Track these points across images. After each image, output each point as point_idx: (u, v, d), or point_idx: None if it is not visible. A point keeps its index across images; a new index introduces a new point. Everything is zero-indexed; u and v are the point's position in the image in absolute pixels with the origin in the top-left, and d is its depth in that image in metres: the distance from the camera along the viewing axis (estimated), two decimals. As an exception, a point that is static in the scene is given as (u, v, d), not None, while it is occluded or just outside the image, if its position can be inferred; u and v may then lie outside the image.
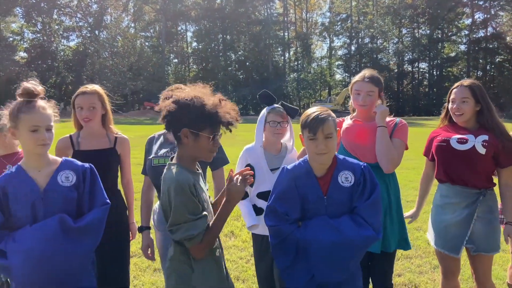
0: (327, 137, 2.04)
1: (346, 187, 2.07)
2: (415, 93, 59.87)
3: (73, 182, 2.05)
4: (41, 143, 1.97)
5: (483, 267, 2.77)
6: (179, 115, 1.80)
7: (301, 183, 2.11)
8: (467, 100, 2.71)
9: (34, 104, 1.99)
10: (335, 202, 2.07)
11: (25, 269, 1.86)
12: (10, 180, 2.00)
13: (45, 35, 51.45)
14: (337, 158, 2.15)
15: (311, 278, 2.03)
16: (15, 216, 1.97)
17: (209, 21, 58.79)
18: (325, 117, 2.05)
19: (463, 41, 58.21)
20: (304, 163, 2.16)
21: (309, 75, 59.06)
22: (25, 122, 1.95)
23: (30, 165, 2.05)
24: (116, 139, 2.87)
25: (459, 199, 2.74)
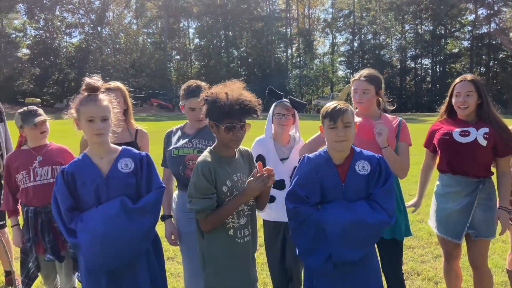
0: (346, 126, 2.20)
1: (363, 175, 2.22)
2: (417, 89, 59.78)
3: (132, 168, 2.24)
4: (96, 132, 2.14)
5: (481, 252, 2.89)
6: (206, 109, 2.10)
7: (321, 171, 2.25)
8: (471, 93, 2.84)
9: (92, 97, 2.17)
10: (352, 188, 2.22)
11: (91, 246, 2.07)
12: (77, 166, 2.21)
13: (48, 31, 51.55)
14: (354, 149, 2.30)
15: (328, 258, 2.15)
16: (83, 200, 2.17)
17: (211, 18, 58.80)
18: (345, 108, 2.23)
19: (466, 37, 58.06)
20: (324, 153, 2.32)
21: (312, 72, 59.06)
22: (84, 113, 2.15)
23: (94, 153, 2.24)
24: (136, 132, 3.04)
25: (460, 188, 2.86)
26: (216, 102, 2.04)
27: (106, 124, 2.18)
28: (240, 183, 2.15)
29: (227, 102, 2.02)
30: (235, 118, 2.03)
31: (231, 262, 2.13)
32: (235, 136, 2.07)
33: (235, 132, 2.05)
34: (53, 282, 3.04)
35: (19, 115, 2.92)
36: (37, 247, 2.86)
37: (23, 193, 2.86)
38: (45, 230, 2.81)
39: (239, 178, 2.17)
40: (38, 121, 2.87)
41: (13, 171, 2.88)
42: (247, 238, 2.18)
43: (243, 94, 2.08)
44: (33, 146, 2.95)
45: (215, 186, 2.09)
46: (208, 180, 2.05)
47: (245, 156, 2.28)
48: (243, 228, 2.16)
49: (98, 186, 2.17)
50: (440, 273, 3.91)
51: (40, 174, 2.85)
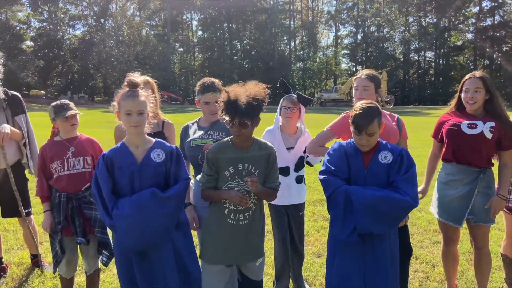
0: (370, 135, 2.43)
1: (384, 164, 2.46)
2: (420, 82, 59.67)
3: (163, 159, 2.50)
4: (133, 124, 2.41)
5: (481, 235, 3.13)
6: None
7: (348, 155, 2.54)
8: (479, 90, 3.05)
9: (131, 93, 2.42)
10: (373, 174, 2.46)
11: (126, 230, 2.35)
12: (116, 153, 2.48)
13: (51, 23, 51.61)
14: (380, 142, 2.54)
15: (354, 229, 2.39)
16: (118, 183, 2.44)
17: (215, 10, 58.69)
18: (371, 119, 2.41)
19: (470, 29, 57.80)
20: (353, 142, 2.57)
21: (315, 64, 58.98)
22: (123, 107, 2.41)
23: (130, 142, 2.51)
24: (163, 123, 3.27)
25: (462, 176, 3.08)
26: (224, 98, 2.32)
27: (141, 117, 2.42)
28: (245, 172, 2.40)
29: (225, 100, 2.30)
30: (232, 114, 2.29)
31: (218, 237, 2.44)
32: (233, 130, 2.35)
33: (233, 127, 2.32)
34: (74, 268, 3.23)
35: (52, 108, 3.14)
36: (63, 230, 3.07)
37: (58, 181, 3.06)
38: (75, 214, 3.03)
39: (245, 168, 2.40)
40: (69, 114, 3.09)
41: (47, 160, 3.08)
42: (240, 222, 2.42)
43: (250, 90, 2.31)
44: (65, 138, 3.16)
45: (217, 169, 2.41)
46: (208, 162, 2.41)
47: (264, 151, 2.47)
48: (239, 212, 2.41)
49: (132, 171, 2.43)
50: (437, 257, 4.15)
51: (73, 164, 3.08)
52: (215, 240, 2.45)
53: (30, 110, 14.79)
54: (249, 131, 2.35)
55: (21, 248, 4.48)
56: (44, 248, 4.41)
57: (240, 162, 2.40)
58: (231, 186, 2.40)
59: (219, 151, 2.41)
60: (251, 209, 2.44)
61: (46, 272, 3.91)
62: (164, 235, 2.45)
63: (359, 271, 2.44)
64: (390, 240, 2.51)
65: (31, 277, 3.84)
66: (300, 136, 3.36)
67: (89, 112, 25.52)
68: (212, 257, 2.45)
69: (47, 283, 3.72)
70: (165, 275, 2.43)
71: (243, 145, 2.42)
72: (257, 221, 2.50)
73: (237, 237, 2.43)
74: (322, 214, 5.78)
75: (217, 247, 2.44)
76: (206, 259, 2.48)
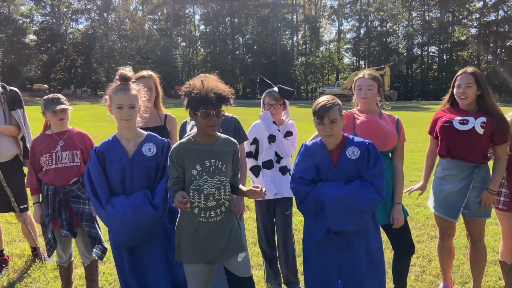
0: (332, 122, 2.44)
1: (352, 159, 2.48)
2: (424, 77, 59.45)
3: (154, 153, 2.52)
4: (124, 118, 2.43)
5: (477, 229, 3.17)
6: (186, 101, 2.30)
7: (315, 155, 2.54)
8: (471, 85, 3.08)
9: (122, 87, 2.44)
10: (343, 170, 2.49)
11: (120, 227, 2.42)
12: (107, 146, 2.50)
13: (54, 17, 51.70)
14: (347, 137, 2.55)
15: (328, 229, 2.44)
16: (109, 176, 2.47)
17: (217, 4, 58.59)
18: (331, 105, 2.45)
19: (473, 24, 57.44)
20: (319, 140, 2.60)
21: (317, 59, 58.81)
22: (114, 101, 2.43)
23: (122, 136, 2.52)
24: (165, 117, 3.31)
25: (457, 171, 3.12)
26: (192, 91, 2.24)
27: (133, 111, 2.44)
28: (213, 168, 2.33)
29: (202, 90, 2.22)
30: (209, 105, 2.21)
31: (191, 236, 2.36)
32: (210, 121, 2.24)
33: (211, 117, 2.23)
34: (67, 255, 3.33)
35: (43, 101, 3.17)
36: (53, 222, 3.14)
37: (46, 174, 3.11)
38: (62, 208, 3.08)
39: (212, 164, 2.33)
40: (58, 109, 3.11)
41: (37, 153, 3.13)
42: (212, 219, 2.35)
43: (217, 85, 2.28)
44: (56, 131, 3.19)
45: (184, 170, 2.32)
46: (173, 163, 2.32)
47: (228, 144, 2.43)
48: (209, 210, 2.33)
49: (124, 165, 2.45)
50: (434, 252, 4.18)
51: (62, 158, 3.11)
52: (190, 240, 2.38)
53: (33, 104, 14.87)
54: (220, 122, 2.32)
55: (22, 240, 4.55)
56: (44, 240, 4.47)
57: (207, 159, 2.33)
58: (199, 184, 2.31)
59: (183, 150, 2.33)
60: (223, 205, 2.38)
61: (47, 263, 3.97)
62: (155, 233, 2.52)
63: (335, 267, 2.49)
64: (368, 235, 2.54)
65: (32, 268, 3.90)
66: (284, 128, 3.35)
67: (92, 106, 25.53)
68: (190, 257, 2.40)
69: (48, 274, 3.78)
70: (156, 272, 2.49)
71: (209, 140, 2.37)
72: (231, 216, 2.45)
73: (212, 234, 2.37)
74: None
75: (194, 247, 2.38)
76: (185, 260, 2.43)
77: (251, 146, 3.37)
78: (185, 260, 2.43)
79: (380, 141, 2.94)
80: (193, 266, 2.42)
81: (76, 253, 3.58)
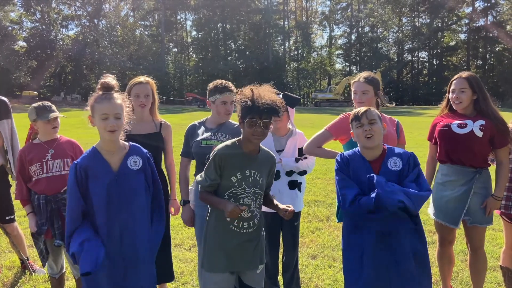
0: (371, 123, 2.42)
1: (395, 171, 2.39)
2: (414, 82, 60.05)
3: (140, 166, 2.38)
4: (109, 129, 2.25)
5: (477, 237, 3.12)
6: (239, 109, 2.31)
7: (356, 168, 2.45)
8: (465, 90, 3.06)
9: (107, 96, 2.29)
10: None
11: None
12: (90, 161, 2.30)
13: (44, 24, 51.26)
14: (387, 148, 2.49)
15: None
16: (93, 193, 2.27)
17: (209, 10, 58.66)
18: (367, 108, 2.50)
19: (463, 30, 58.23)
20: (357, 151, 2.52)
21: (309, 65, 59.12)
22: (98, 111, 2.25)
23: (104, 149, 2.34)
24: (161, 124, 3.24)
25: (458, 177, 3.07)
26: (242, 100, 2.23)
27: (119, 122, 2.28)
28: (251, 179, 2.30)
29: (251, 98, 2.19)
30: (256, 114, 2.18)
31: (220, 244, 2.32)
32: (255, 131, 2.21)
33: (256, 127, 2.20)
34: (59, 266, 3.23)
35: (34, 109, 3.08)
36: (45, 232, 3.04)
37: (36, 184, 3.04)
38: (54, 217, 3.00)
39: (252, 174, 2.31)
40: (52, 117, 3.05)
41: (26, 163, 3.05)
42: (244, 230, 2.31)
43: (267, 94, 2.23)
44: (45, 140, 3.12)
45: (222, 173, 2.27)
46: (215, 164, 2.27)
47: (268, 158, 2.41)
48: (243, 220, 2.30)
49: (110, 182, 2.28)
50: (432, 257, 4.11)
51: (53, 167, 3.04)
52: (218, 248, 2.34)
53: (22, 111, 14.62)
54: (267, 133, 2.28)
55: (12, 251, 4.42)
56: (34, 250, 4.35)
57: (248, 168, 2.30)
58: (236, 192, 2.28)
59: (229, 155, 2.28)
60: (256, 217, 2.35)
61: (37, 275, 3.85)
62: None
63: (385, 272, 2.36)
64: (413, 237, 2.41)
65: (22, 281, 3.78)
66: (290, 137, 3.25)
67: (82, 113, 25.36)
68: (217, 265, 2.34)
69: (39, 286, 3.66)
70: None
71: (253, 149, 2.33)
72: (260, 229, 2.42)
73: (242, 244, 2.33)
74: (317, 215, 5.76)
75: (221, 255, 2.33)
76: (210, 268, 2.36)
77: None
78: (210, 268, 2.35)
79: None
80: (217, 275, 2.34)
81: (67, 265, 3.47)
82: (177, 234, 4.91)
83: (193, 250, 4.47)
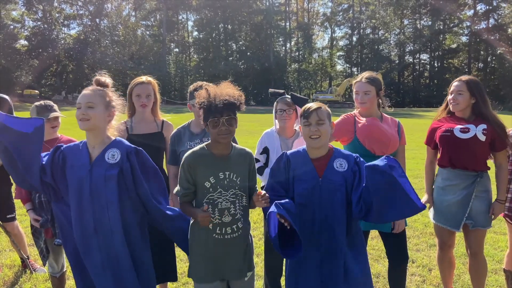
0: (319, 123, 2.31)
1: (340, 172, 2.33)
2: (415, 84, 59.91)
3: (117, 160, 2.28)
4: (79, 117, 2.24)
5: (478, 240, 3.11)
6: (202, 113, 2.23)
7: (295, 167, 2.37)
8: (462, 92, 3.06)
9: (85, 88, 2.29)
10: (329, 182, 2.31)
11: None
12: (72, 150, 2.33)
13: (46, 23, 51.28)
14: (333, 148, 2.42)
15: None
16: (68, 182, 2.28)
17: (210, 10, 58.62)
18: (318, 106, 2.37)
19: (464, 32, 58.14)
20: (302, 150, 2.45)
21: (310, 66, 59.09)
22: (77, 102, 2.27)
23: (88, 142, 2.33)
24: (163, 123, 3.24)
25: (459, 181, 3.06)
26: (200, 103, 2.18)
27: (91, 111, 2.22)
28: (227, 181, 2.21)
29: (208, 99, 2.14)
30: (216, 113, 2.13)
31: (205, 254, 2.25)
32: (220, 130, 2.14)
33: (220, 126, 2.14)
34: (60, 265, 3.22)
35: (35, 108, 3.09)
36: (45, 231, 3.03)
37: None
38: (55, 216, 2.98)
39: (227, 176, 2.22)
40: (52, 116, 3.05)
41: None
42: (228, 236, 2.23)
43: (224, 91, 2.17)
44: (45, 139, 3.07)
45: (196, 180, 2.21)
46: (185, 173, 2.21)
47: (243, 156, 2.32)
48: (225, 226, 2.22)
49: (83, 172, 2.25)
50: (433, 261, 4.13)
51: None
52: (203, 257, 2.27)
53: (23, 110, 14.63)
54: (234, 130, 2.21)
55: (12, 250, 4.42)
56: (35, 249, 4.34)
57: (221, 171, 2.22)
58: (213, 197, 2.20)
59: (196, 161, 2.21)
60: (239, 221, 2.26)
61: (37, 274, 3.85)
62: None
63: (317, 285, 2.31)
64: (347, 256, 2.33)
65: (23, 279, 3.78)
66: (297, 138, 3.25)
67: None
68: (203, 275, 2.28)
69: (39, 285, 3.66)
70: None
71: (224, 151, 2.25)
72: (246, 234, 2.34)
73: (228, 252, 2.26)
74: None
75: (207, 264, 2.27)
76: (198, 279, 2.30)
77: (261, 155, 3.27)
78: (197, 279, 2.30)
79: (382, 144, 2.89)
80: (205, 285, 2.28)
81: (67, 264, 3.46)
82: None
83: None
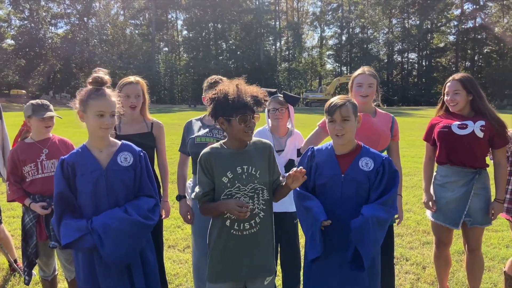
0: (344, 120, 2.25)
1: (364, 171, 2.25)
2: (404, 83, 60.42)
3: (131, 162, 2.28)
4: (105, 127, 2.19)
5: (476, 238, 3.10)
6: (213, 108, 2.18)
7: (321, 162, 2.34)
8: (458, 92, 3.05)
9: (102, 92, 2.20)
10: (352, 181, 2.26)
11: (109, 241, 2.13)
12: (77, 158, 2.23)
13: (33, 22, 50.62)
14: (362, 147, 2.35)
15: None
16: (80, 191, 2.20)
17: (200, 9, 58.39)
18: (343, 102, 2.28)
19: (452, 31, 58.82)
20: (329, 145, 2.41)
21: (300, 65, 59.25)
22: (93, 107, 2.17)
23: (94, 146, 2.27)
24: (152, 124, 3.18)
25: (458, 178, 3.05)
26: (227, 97, 2.11)
27: (113, 119, 2.22)
28: (245, 175, 2.18)
29: (238, 94, 2.11)
30: (247, 109, 2.11)
31: (224, 251, 2.21)
32: (248, 127, 2.13)
33: (248, 122, 2.12)
34: (51, 268, 3.16)
35: (31, 106, 3.00)
36: (39, 234, 2.96)
37: (32, 185, 2.95)
38: (50, 218, 2.89)
39: (245, 170, 2.18)
40: (47, 115, 2.98)
41: (19, 163, 2.95)
42: (247, 232, 2.19)
43: (252, 88, 2.18)
44: (38, 139, 3.03)
45: (213, 176, 2.18)
46: (203, 169, 2.19)
47: (260, 148, 2.27)
48: (244, 221, 2.17)
49: (97, 178, 2.20)
50: (427, 258, 4.13)
51: (48, 167, 2.97)
52: (220, 256, 2.21)
53: (10, 110, 14.50)
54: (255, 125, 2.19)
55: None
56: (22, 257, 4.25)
57: (239, 165, 2.18)
58: (231, 193, 2.16)
59: (212, 156, 2.18)
60: (257, 215, 2.20)
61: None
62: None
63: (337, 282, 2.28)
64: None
65: (12, 283, 3.69)
66: (290, 136, 3.21)
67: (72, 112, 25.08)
68: (219, 275, 2.21)
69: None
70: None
71: (240, 146, 2.22)
72: (267, 230, 2.26)
73: (246, 249, 2.20)
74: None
75: (226, 264, 2.20)
76: (213, 278, 2.23)
77: None
78: (213, 279, 2.23)
79: (370, 141, 2.85)
80: (219, 285, 2.22)
81: (59, 266, 3.39)
82: (170, 235, 4.85)
83: (187, 251, 4.41)
